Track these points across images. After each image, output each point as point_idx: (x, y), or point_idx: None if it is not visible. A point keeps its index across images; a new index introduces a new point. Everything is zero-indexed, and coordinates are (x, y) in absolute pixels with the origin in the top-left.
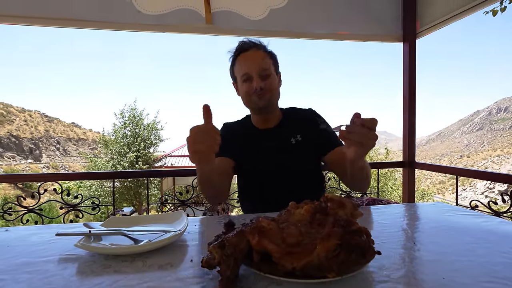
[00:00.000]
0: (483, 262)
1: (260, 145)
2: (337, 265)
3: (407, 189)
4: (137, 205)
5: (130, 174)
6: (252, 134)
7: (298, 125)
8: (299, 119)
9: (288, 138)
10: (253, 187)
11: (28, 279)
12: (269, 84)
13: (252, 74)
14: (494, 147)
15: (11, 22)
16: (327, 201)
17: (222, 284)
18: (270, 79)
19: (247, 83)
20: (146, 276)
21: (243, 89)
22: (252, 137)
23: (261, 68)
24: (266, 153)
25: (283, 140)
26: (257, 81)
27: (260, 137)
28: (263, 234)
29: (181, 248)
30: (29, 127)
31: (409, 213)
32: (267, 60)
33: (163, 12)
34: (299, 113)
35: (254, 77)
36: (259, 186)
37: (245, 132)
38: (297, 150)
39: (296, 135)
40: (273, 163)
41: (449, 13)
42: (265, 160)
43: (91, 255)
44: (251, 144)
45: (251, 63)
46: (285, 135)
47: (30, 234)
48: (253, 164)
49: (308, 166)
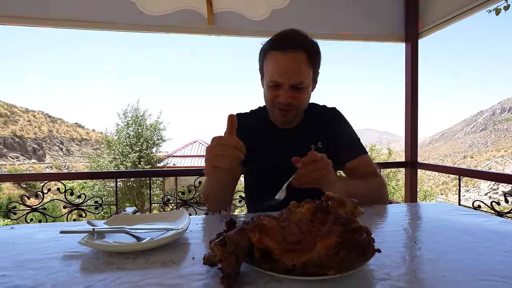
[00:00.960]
0: (484, 260)
1: (276, 146)
2: (337, 263)
3: (409, 190)
4: (139, 205)
5: (133, 174)
6: (268, 132)
7: (321, 129)
8: (323, 123)
9: (308, 144)
10: (263, 190)
11: (33, 275)
12: (299, 98)
13: (283, 85)
14: (498, 147)
15: (14, 23)
16: (327, 200)
17: (224, 281)
18: (302, 93)
19: (274, 90)
20: (149, 273)
21: (268, 93)
22: (268, 136)
23: (296, 81)
24: (282, 156)
25: (303, 145)
26: (286, 93)
27: (277, 137)
28: (264, 231)
29: (183, 246)
30: (33, 127)
31: (411, 212)
32: (305, 69)
33: (165, 13)
34: (323, 114)
35: (284, 88)
36: (269, 189)
37: (260, 128)
38: None
39: (317, 141)
40: (288, 168)
41: (452, 13)
42: (280, 163)
43: (95, 252)
44: (267, 143)
45: (284, 71)
46: (305, 139)
47: (35, 232)
48: (265, 165)
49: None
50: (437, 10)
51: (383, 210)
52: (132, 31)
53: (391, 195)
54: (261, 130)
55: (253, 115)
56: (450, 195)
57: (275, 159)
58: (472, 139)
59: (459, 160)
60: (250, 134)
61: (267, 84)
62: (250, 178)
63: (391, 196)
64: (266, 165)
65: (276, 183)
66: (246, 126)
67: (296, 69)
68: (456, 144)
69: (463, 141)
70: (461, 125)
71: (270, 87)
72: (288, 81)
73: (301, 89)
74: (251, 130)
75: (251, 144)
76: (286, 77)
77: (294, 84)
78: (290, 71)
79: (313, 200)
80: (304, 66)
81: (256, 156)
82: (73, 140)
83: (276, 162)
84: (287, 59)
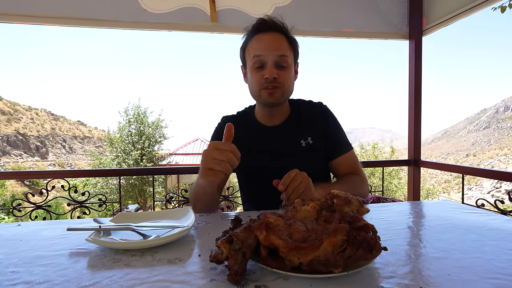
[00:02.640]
0: (489, 259)
1: (265, 146)
2: (344, 261)
3: (412, 188)
4: (141, 202)
5: (136, 171)
6: (255, 131)
7: (310, 125)
8: (311, 118)
9: (297, 140)
10: (255, 190)
11: (43, 272)
12: (283, 76)
13: (267, 60)
14: (501, 145)
15: (17, 21)
16: (333, 198)
17: (231, 278)
18: (286, 71)
19: (258, 72)
20: (156, 270)
21: (253, 78)
22: (256, 135)
23: (279, 55)
24: (272, 155)
25: (293, 142)
26: (271, 69)
27: (265, 136)
28: (271, 229)
29: (188, 244)
30: (36, 125)
31: (415, 210)
32: (287, 48)
33: (168, 10)
34: (310, 109)
35: (269, 65)
36: (260, 190)
37: (247, 128)
38: (307, 154)
39: (307, 137)
40: (279, 166)
41: (456, 10)
42: (269, 162)
43: (102, 250)
44: (254, 144)
45: (268, 47)
46: (294, 136)
47: (41, 229)
48: (255, 165)
49: (317, 171)
50: (441, 7)
51: (388, 208)
52: (135, 29)
53: (393, 193)
54: (248, 131)
55: (239, 115)
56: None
57: (264, 156)
58: (475, 137)
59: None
60: (238, 134)
61: (251, 68)
62: (241, 179)
63: (393, 194)
64: (254, 165)
65: (266, 180)
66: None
67: (278, 45)
68: (459, 142)
69: (466, 139)
70: (464, 123)
71: (254, 70)
72: (272, 55)
73: (285, 68)
74: (239, 130)
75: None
76: (271, 52)
77: (278, 59)
78: (273, 46)
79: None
80: (285, 45)
81: (245, 158)
82: (76, 138)
83: (265, 160)
84: (269, 37)
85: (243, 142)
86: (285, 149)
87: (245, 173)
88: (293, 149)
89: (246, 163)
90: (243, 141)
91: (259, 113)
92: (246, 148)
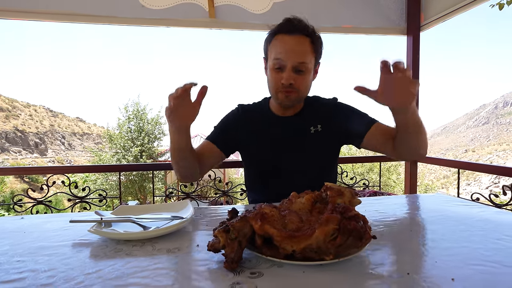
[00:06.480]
0: (476, 248)
1: (276, 133)
2: (335, 249)
3: (409, 182)
4: (141, 198)
5: (136, 167)
6: (268, 121)
7: (319, 113)
8: (321, 108)
9: (307, 127)
10: (264, 178)
11: (47, 261)
12: (301, 81)
13: (286, 64)
14: (500, 141)
15: (15, 17)
16: (326, 191)
17: (227, 265)
18: (304, 76)
19: (277, 73)
20: (156, 259)
21: (272, 77)
22: (269, 124)
23: (299, 61)
24: (282, 142)
25: (302, 129)
26: (289, 74)
27: (277, 125)
28: (266, 219)
29: (187, 234)
30: (34, 122)
31: (409, 203)
32: (309, 53)
33: (167, 6)
34: (322, 101)
35: (287, 69)
36: (270, 177)
37: (262, 118)
38: (315, 140)
39: (317, 124)
40: (288, 152)
41: (454, 6)
42: (280, 149)
43: (104, 240)
44: (267, 132)
45: (289, 51)
46: (304, 123)
47: (44, 222)
48: (266, 152)
49: (325, 158)
50: (439, 2)
51: (383, 200)
52: (134, 25)
53: (391, 189)
54: (262, 121)
55: (255, 106)
56: (452, 189)
57: (274, 146)
58: (474, 133)
59: (460, 154)
60: (253, 125)
61: (270, 68)
62: (251, 168)
63: (391, 189)
64: (265, 152)
65: (275, 170)
66: (249, 116)
67: (300, 50)
68: (458, 138)
69: (465, 135)
70: (463, 119)
71: (273, 70)
72: (292, 61)
73: (303, 73)
74: (254, 122)
75: (253, 134)
76: (290, 57)
77: (297, 64)
78: (294, 51)
79: (312, 191)
80: (307, 49)
81: (258, 145)
82: (75, 135)
83: (275, 149)
84: (292, 40)
85: (256, 130)
86: (294, 134)
87: (254, 160)
88: (301, 134)
89: (257, 149)
90: (256, 129)
91: (273, 105)
92: (258, 135)
